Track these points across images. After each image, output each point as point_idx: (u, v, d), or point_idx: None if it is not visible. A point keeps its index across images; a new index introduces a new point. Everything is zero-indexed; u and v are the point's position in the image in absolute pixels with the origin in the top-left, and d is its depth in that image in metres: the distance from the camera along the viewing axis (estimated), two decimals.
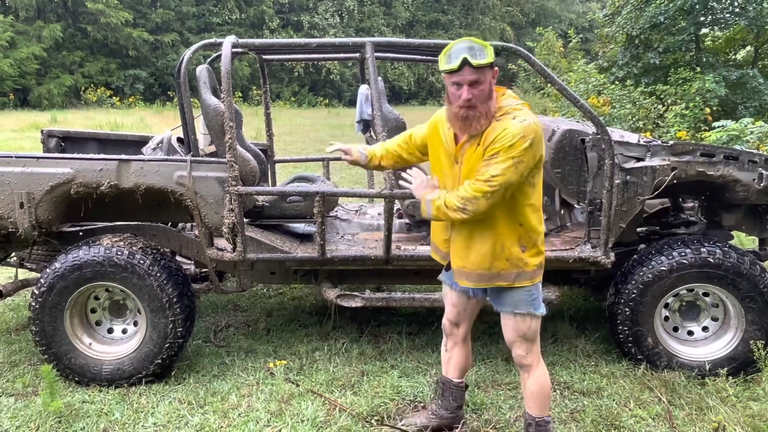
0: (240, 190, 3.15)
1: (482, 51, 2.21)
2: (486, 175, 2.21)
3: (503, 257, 2.38)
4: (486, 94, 2.25)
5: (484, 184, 2.21)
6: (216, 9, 27.91)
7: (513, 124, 2.21)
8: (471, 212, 2.25)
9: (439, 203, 2.32)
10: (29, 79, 22.73)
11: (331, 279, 3.60)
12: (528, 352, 2.49)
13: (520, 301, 2.44)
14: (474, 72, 2.20)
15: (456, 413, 2.84)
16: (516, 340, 2.49)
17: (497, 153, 2.20)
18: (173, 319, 3.20)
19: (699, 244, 3.24)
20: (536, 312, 2.46)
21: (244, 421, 2.93)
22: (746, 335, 3.23)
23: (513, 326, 2.48)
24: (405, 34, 31.93)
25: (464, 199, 2.25)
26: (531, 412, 2.56)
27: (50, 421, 2.90)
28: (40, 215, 3.15)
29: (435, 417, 2.83)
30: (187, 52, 3.40)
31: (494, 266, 2.40)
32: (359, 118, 4.09)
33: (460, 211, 2.26)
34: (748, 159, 3.27)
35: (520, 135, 2.18)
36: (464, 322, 2.73)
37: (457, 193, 2.27)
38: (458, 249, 2.47)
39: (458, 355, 2.78)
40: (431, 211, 2.36)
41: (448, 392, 2.81)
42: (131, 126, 15.00)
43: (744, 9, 10.73)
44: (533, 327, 2.48)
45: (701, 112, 8.90)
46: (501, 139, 2.20)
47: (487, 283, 2.44)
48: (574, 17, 36.29)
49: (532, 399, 2.54)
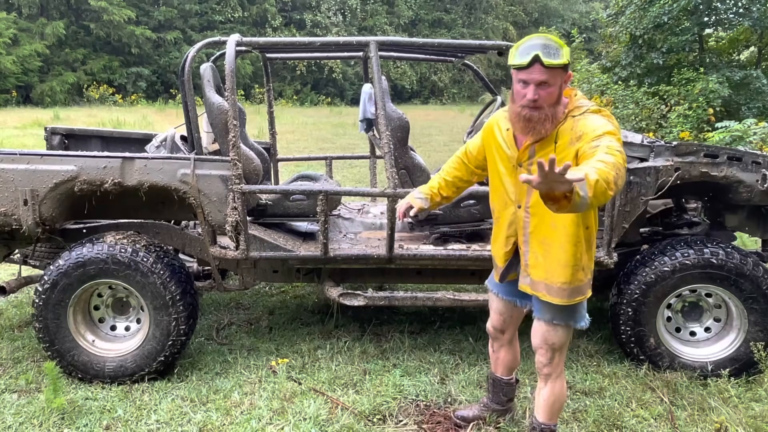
0: (243, 189, 3.15)
1: (558, 51, 2.05)
2: (616, 147, 1.94)
3: (581, 267, 2.23)
4: (554, 98, 2.10)
5: (620, 154, 1.91)
6: (219, 7, 27.89)
7: (597, 118, 2.10)
8: (620, 186, 1.88)
9: (594, 178, 1.76)
10: (32, 76, 22.75)
11: (334, 277, 3.61)
12: (551, 362, 2.38)
13: (559, 314, 2.30)
14: (544, 72, 2.05)
15: (507, 405, 2.87)
16: (542, 348, 2.38)
17: (601, 136, 1.99)
18: (176, 317, 3.21)
19: (702, 244, 3.24)
20: (575, 325, 2.33)
21: (247, 418, 2.94)
22: (749, 336, 3.23)
23: (543, 333, 2.35)
24: (407, 32, 31.91)
25: (615, 167, 1.85)
26: (539, 418, 2.48)
27: (53, 418, 2.91)
28: (44, 212, 3.15)
29: (487, 409, 2.87)
30: (191, 51, 3.40)
31: (575, 278, 2.22)
32: (362, 116, 4.09)
33: (615, 183, 1.83)
34: (751, 160, 3.26)
35: (610, 125, 2.06)
36: (510, 329, 2.69)
37: (604, 161, 1.86)
38: (536, 258, 2.28)
39: (505, 356, 2.76)
40: (588, 192, 1.74)
41: (498, 388, 2.84)
42: (133, 123, 15.03)
43: (748, 9, 10.70)
44: (564, 338, 2.35)
45: (704, 112, 8.89)
46: (595, 128, 2.04)
47: (568, 299, 2.25)
48: (577, 17, 36.23)
49: (543, 406, 2.46)
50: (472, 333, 3.88)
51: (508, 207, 2.35)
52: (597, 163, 1.85)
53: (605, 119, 2.11)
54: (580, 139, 2.07)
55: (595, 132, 2.04)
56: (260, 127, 12.87)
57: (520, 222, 2.31)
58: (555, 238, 2.22)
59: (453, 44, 3.59)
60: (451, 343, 3.76)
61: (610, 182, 1.80)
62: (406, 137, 3.49)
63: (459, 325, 4.03)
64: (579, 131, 2.09)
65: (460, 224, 3.58)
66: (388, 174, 3.17)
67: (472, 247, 3.45)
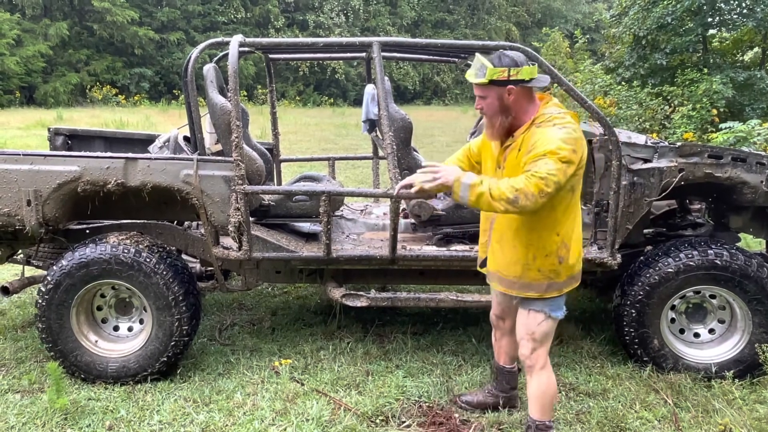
0: (246, 189, 3.15)
1: (482, 70, 2.29)
2: (542, 173, 2.15)
3: (534, 267, 2.39)
4: (495, 109, 2.34)
5: (541, 181, 2.14)
6: (222, 8, 27.94)
7: (553, 130, 2.24)
8: (520, 207, 2.16)
9: (482, 190, 2.21)
10: (35, 77, 22.83)
11: (337, 278, 3.60)
12: (532, 353, 2.49)
13: (537, 301, 2.45)
14: (477, 88, 2.35)
15: (510, 393, 2.98)
16: (523, 337, 2.50)
17: (543, 155, 2.19)
18: (179, 317, 3.21)
19: (706, 246, 3.23)
20: (551, 314, 2.46)
21: (249, 419, 2.93)
22: (753, 338, 3.21)
23: (524, 322, 2.50)
24: (410, 33, 31.91)
25: (518, 191, 2.15)
26: (532, 415, 2.57)
27: (56, 418, 2.91)
28: (47, 213, 3.16)
29: (491, 396, 2.99)
30: (194, 51, 3.41)
31: (525, 275, 2.41)
32: (365, 117, 4.09)
33: (509, 202, 2.16)
34: (755, 161, 3.25)
35: (563, 140, 2.20)
36: (509, 317, 2.78)
37: (511, 183, 2.18)
38: (494, 252, 2.53)
39: (507, 344, 2.88)
40: (468, 196, 2.24)
41: (501, 377, 2.96)
42: (136, 124, 15.05)
43: (752, 10, 10.67)
44: (544, 328, 2.46)
45: (708, 113, 8.86)
46: (541, 144, 2.22)
47: (518, 291, 2.46)
48: (580, 17, 36.20)
49: (532, 401, 2.55)
50: (475, 334, 3.87)
51: None
52: (504, 182, 2.21)
53: (560, 132, 2.23)
54: (531, 150, 2.25)
55: (544, 149, 2.20)
56: (263, 128, 12.87)
57: (491, 216, 2.57)
58: (508, 238, 2.44)
59: (456, 45, 3.58)
60: (454, 344, 3.75)
61: (501, 200, 2.17)
62: (408, 138, 3.48)
63: (462, 326, 4.02)
64: (533, 142, 2.27)
65: (463, 225, 3.58)
66: (391, 175, 3.16)
67: (475, 248, 3.44)
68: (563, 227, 2.36)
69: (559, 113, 2.32)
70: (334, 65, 28.66)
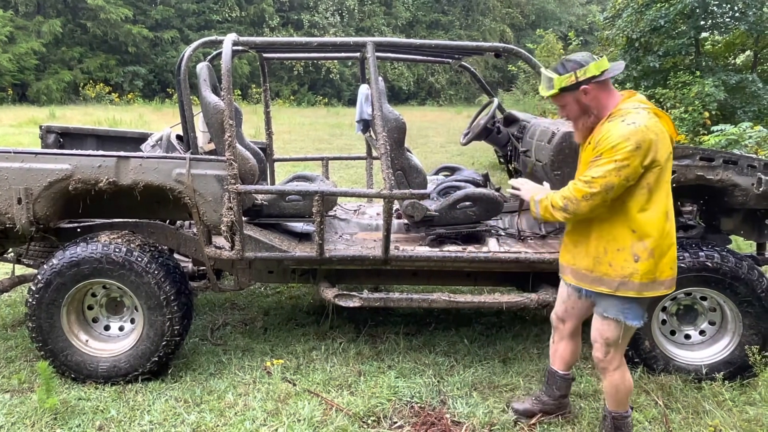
0: (239, 189, 3.14)
1: (550, 83, 2.40)
2: (587, 177, 2.28)
3: (605, 261, 2.40)
4: (576, 112, 2.42)
5: (584, 185, 2.29)
6: (216, 6, 27.84)
7: (619, 126, 2.25)
8: (571, 213, 2.33)
9: (546, 203, 2.41)
10: (28, 75, 22.65)
11: (329, 278, 3.59)
12: (605, 356, 2.53)
13: (611, 306, 2.44)
14: (554, 98, 2.45)
15: (560, 401, 2.93)
16: (597, 341, 2.53)
17: (600, 155, 2.27)
18: (170, 317, 3.19)
19: (697, 248, 3.24)
20: (626, 321, 2.44)
21: (241, 419, 2.93)
22: (743, 339, 3.23)
23: (597, 327, 2.52)
24: (405, 34, 31.89)
25: (565, 199, 2.34)
26: (608, 407, 2.65)
27: (46, 418, 2.89)
28: (38, 211, 3.14)
29: (538, 402, 2.94)
30: (187, 50, 3.39)
31: (597, 269, 2.43)
32: (359, 117, 4.09)
33: (562, 210, 2.35)
34: (747, 163, 3.27)
35: (623, 137, 2.21)
36: (571, 320, 2.77)
37: (561, 193, 2.36)
38: (568, 244, 2.57)
39: (564, 349, 2.85)
40: (539, 212, 2.46)
41: (552, 382, 2.91)
42: (130, 122, 14.98)
43: (744, 13, 10.72)
44: (618, 334, 2.47)
45: (700, 116, 8.91)
46: (604, 140, 2.27)
47: (589, 285, 2.48)
48: (574, 20, 36.27)
49: (608, 396, 2.63)
50: (468, 335, 3.88)
51: None
52: (558, 192, 2.39)
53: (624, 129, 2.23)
54: (595, 148, 2.32)
55: (604, 147, 2.26)
56: (257, 127, 12.83)
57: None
58: (581, 229, 2.48)
59: (450, 45, 3.59)
60: (446, 345, 3.75)
61: (557, 209, 2.37)
62: (402, 138, 3.48)
63: (454, 327, 4.03)
64: (599, 138, 2.32)
65: (456, 226, 3.58)
66: (384, 175, 3.16)
67: (468, 249, 3.45)
68: (639, 225, 2.31)
69: (636, 107, 2.31)
70: (329, 65, 28.59)
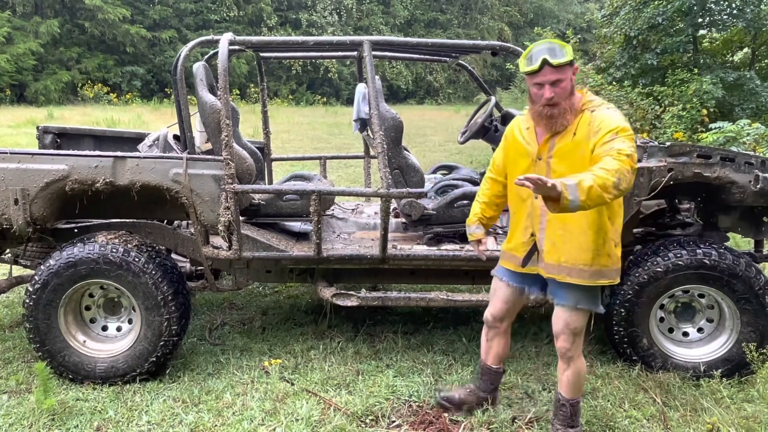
0: (236, 188, 3.14)
1: (561, 50, 2.29)
2: (626, 150, 2.17)
3: (605, 253, 2.42)
4: (567, 91, 2.34)
5: (628, 158, 2.15)
6: (214, 6, 27.81)
7: (611, 111, 2.31)
8: (623, 189, 2.12)
9: (589, 184, 2.04)
10: (26, 75, 22.62)
11: (327, 278, 3.60)
12: (572, 345, 2.57)
13: (584, 298, 2.49)
14: (554, 71, 2.30)
15: (492, 393, 3.00)
16: (564, 332, 2.56)
17: (615, 133, 2.22)
18: (168, 317, 3.19)
19: (695, 245, 3.24)
20: (595, 309, 2.53)
21: (239, 419, 2.92)
22: (741, 337, 3.23)
23: (566, 319, 2.54)
24: (403, 32, 31.88)
25: (618, 172, 2.09)
26: (566, 395, 2.66)
27: (43, 419, 2.89)
28: (35, 212, 3.13)
29: (472, 394, 2.99)
30: (184, 49, 3.39)
31: (596, 262, 2.42)
32: (356, 116, 4.08)
33: (615, 188, 2.08)
34: (744, 161, 3.27)
35: (623, 120, 2.27)
36: (509, 318, 2.83)
37: (605, 168, 2.10)
38: (557, 243, 2.46)
39: (498, 345, 2.90)
40: (579, 196, 2.04)
41: (486, 376, 2.97)
42: (128, 123, 14.97)
43: (742, 11, 10.73)
44: (584, 322, 2.55)
45: (698, 113, 8.92)
46: (610, 123, 2.26)
47: (588, 279, 2.45)
48: (572, 17, 36.29)
49: (568, 385, 2.65)
50: (466, 333, 3.88)
51: (526, 200, 2.55)
52: (598, 170, 2.10)
53: (619, 114, 2.30)
54: (597, 133, 2.27)
55: (610, 128, 2.24)
56: (255, 127, 12.81)
57: (537, 211, 2.51)
58: (575, 225, 2.40)
59: (447, 44, 3.58)
60: (444, 344, 3.75)
61: (608, 187, 2.06)
62: (399, 137, 3.48)
63: (452, 326, 4.02)
64: (597, 125, 2.29)
65: (453, 224, 3.58)
66: (382, 174, 3.16)
67: (466, 248, 3.45)
68: (612, 212, 2.43)
69: (602, 102, 2.39)
70: (328, 64, 28.59)
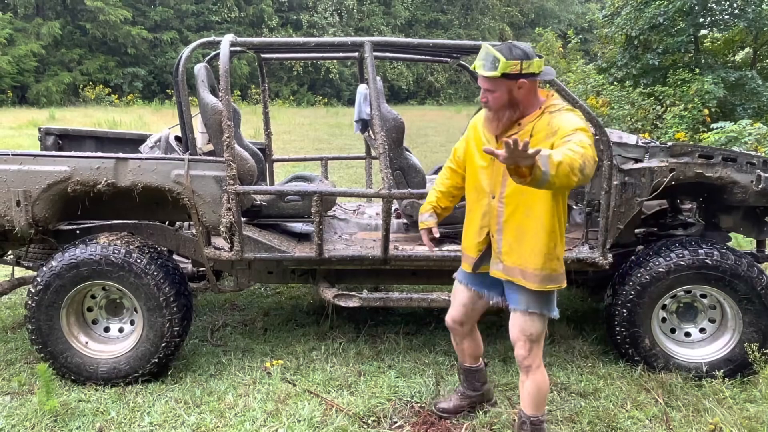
0: (238, 189, 3.14)
1: (494, 63, 2.21)
2: (587, 142, 2.08)
3: (555, 256, 2.36)
4: (501, 103, 2.28)
5: (590, 148, 2.08)
6: (215, 7, 27.86)
7: (570, 115, 2.27)
8: (587, 175, 2.01)
9: (558, 159, 1.92)
10: (28, 77, 22.69)
11: (329, 279, 3.59)
12: (530, 353, 2.47)
13: (534, 302, 2.41)
14: (484, 80, 2.26)
15: (482, 389, 2.97)
16: (520, 339, 2.47)
17: (575, 132, 2.14)
18: (170, 318, 3.19)
19: (697, 245, 3.24)
20: (549, 314, 2.45)
21: (241, 420, 2.92)
22: (743, 337, 3.23)
23: (521, 324, 2.46)
24: (404, 33, 31.90)
25: (583, 156, 1.99)
26: (526, 411, 2.55)
27: (46, 420, 2.89)
28: (37, 213, 3.14)
29: (465, 398, 2.97)
30: (185, 51, 3.39)
31: (546, 266, 2.35)
32: (357, 117, 4.09)
33: (581, 171, 1.97)
34: (746, 161, 3.27)
35: (583, 123, 2.23)
36: (470, 321, 2.79)
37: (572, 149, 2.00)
38: (511, 246, 2.39)
39: (469, 346, 2.88)
40: (550, 170, 1.89)
41: (469, 376, 2.95)
42: (130, 124, 14.99)
43: (743, 10, 10.73)
44: (540, 328, 2.46)
45: (700, 113, 8.91)
46: (569, 124, 2.19)
47: (539, 284, 2.37)
48: (573, 18, 36.28)
49: (528, 399, 2.54)
50: None
51: (482, 199, 2.48)
52: (566, 150, 2.01)
53: (579, 118, 2.27)
54: (555, 134, 2.21)
55: (570, 128, 2.18)
56: (257, 128, 12.82)
57: (494, 212, 2.44)
58: (530, 227, 2.35)
59: (448, 45, 3.58)
60: (446, 344, 3.75)
61: (574, 168, 1.95)
62: (401, 138, 3.48)
63: None
64: (555, 127, 2.23)
65: (455, 225, 3.57)
66: (383, 175, 3.16)
67: None
68: (560, 213, 2.37)
69: (567, 107, 2.35)
70: (329, 65, 28.61)
